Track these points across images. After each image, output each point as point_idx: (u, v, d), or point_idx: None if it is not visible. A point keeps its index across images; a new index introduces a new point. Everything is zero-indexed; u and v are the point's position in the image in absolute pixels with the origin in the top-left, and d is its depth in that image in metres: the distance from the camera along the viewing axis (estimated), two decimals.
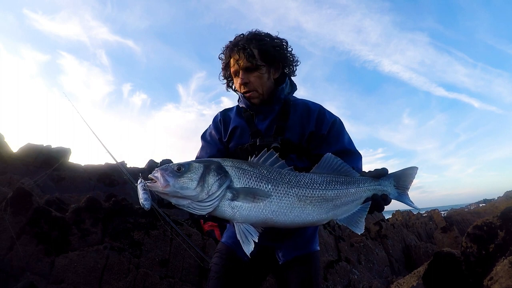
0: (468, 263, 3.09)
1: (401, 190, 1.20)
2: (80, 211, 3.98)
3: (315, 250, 1.48)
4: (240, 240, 0.96)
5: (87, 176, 9.20)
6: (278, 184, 1.01)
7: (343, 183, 1.10)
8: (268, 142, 1.36)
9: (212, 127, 1.58)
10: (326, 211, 1.05)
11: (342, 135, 1.45)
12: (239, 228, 0.97)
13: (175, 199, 0.96)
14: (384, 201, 1.13)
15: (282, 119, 1.42)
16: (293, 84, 1.54)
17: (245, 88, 1.41)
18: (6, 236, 3.42)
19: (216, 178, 0.96)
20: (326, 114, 1.46)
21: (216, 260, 1.46)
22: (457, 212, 20.44)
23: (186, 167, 0.97)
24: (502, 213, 3.22)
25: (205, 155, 1.52)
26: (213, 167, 0.98)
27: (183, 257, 4.11)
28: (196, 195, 0.94)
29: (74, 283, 3.37)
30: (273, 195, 0.99)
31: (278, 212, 0.99)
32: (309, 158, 1.43)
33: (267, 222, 1.00)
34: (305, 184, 1.04)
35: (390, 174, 1.20)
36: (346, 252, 6.88)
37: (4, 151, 8.74)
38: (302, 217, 1.02)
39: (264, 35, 1.43)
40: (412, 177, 1.21)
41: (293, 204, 1.00)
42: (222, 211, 0.97)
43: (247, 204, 0.97)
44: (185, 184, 0.94)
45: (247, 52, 1.36)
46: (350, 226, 1.08)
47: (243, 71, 1.39)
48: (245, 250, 0.95)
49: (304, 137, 1.41)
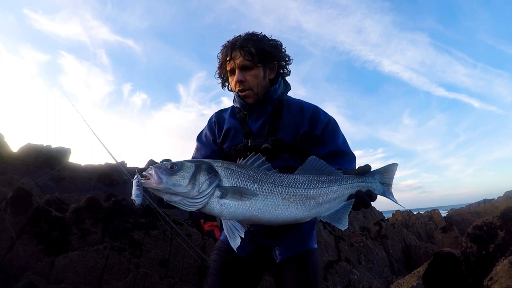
0: (468, 263, 3.09)
1: (385, 186, 1.24)
2: (80, 211, 3.98)
3: (312, 248, 1.48)
4: (227, 235, 1.01)
5: (87, 176, 9.21)
6: (263, 184, 1.07)
7: (324, 182, 1.14)
8: (259, 143, 1.38)
9: (207, 128, 1.60)
10: (308, 208, 1.10)
11: (336, 136, 1.46)
12: (227, 225, 1.03)
13: (168, 195, 1.01)
14: (369, 197, 1.15)
15: (275, 119, 1.43)
16: (287, 84, 1.55)
17: (241, 86, 1.42)
18: (6, 236, 3.42)
19: (206, 177, 1.02)
20: (321, 114, 1.46)
21: (215, 257, 1.47)
22: (457, 212, 20.45)
23: (179, 166, 1.02)
24: (502, 213, 3.22)
25: (199, 156, 1.54)
26: (204, 166, 1.04)
27: (183, 257, 4.11)
28: (188, 192, 1.00)
29: (74, 283, 3.37)
30: (258, 194, 1.05)
31: (263, 209, 1.05)
32: (302, 158, 1.43)
33: (253, 219, 1.05)
34: (288, 183, 1.10)
35: (374, 170, 1.24)
36: (346, 252, 6.88)
37: (4, 151, 8.74)
38: (286, 215, 1.07)
39: (260, 35, 1.45)
40: (393, 173, 1.27)
41: (277, 202, 1.06)
42: (211, 208, 1.03)
43: (235, 202, 1.03)
44: (178, 181, 0.99)
45: (244, 51, 1.38)
46: (334, 222, 1.13)
47: (240, 69, 1.40)
48: (232, 245, 0.99)
49: (297, 137, 1.42)
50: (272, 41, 1.46)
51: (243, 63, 1.39)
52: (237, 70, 1.41)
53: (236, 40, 1.42)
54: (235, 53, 1.40)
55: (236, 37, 1.44)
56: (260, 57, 1.40)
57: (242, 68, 1.40)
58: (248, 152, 1.36)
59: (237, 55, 1.40)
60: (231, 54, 1.41)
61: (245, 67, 1.40)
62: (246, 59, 1.38)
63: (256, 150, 1.35)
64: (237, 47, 1.40)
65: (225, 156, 1.51)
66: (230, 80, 1.49)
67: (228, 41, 1.46)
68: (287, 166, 1.38)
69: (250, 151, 1.34)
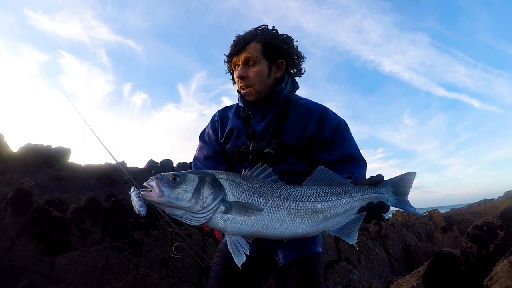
0: (468, 263, 3.09)
1: (400, 196, 1.17)
2: (80, 211, 3.98)
3: (316, 251, 1.43)
4: (231, 251, 0.97)
5: (87, 176, 9.20)
6: (269, 198, 1.02)
7: (333, 194, 1.08)
8: (261, 147, 1.31)
9: (209, 126, 1.54)
10: (316, 223, 1.05)
11: (347, 140, 1.38)
12: (231, 240, 0.99)
13: (169, 208, 0.97)
14: (381, 208, 1.08)
15: (280, 121, 1.36)
16: (294, 83, 1.47)
17: (242, 82, 1.35)
18: (6, 236, 3.42)
19: (211, 191, 0.97)
20: (330, 116, 1.38)
21: (217, 260, 1.44)
22: (457, 212, 20.43)
23: (182, 178, 0.97)
24: (502, 213, 3.22)
25: (202, 156, 1.49)
26: (208, 179, 0.99)
27: (183, 257, 4.11)
28: (191, 206, 0.95)
29: (74, 283, 3.37)
30: (264, 209, 1.00)
31: (268, 225, 1.00)
32: (308, 162, 1.38)
33: (258, 234, 1.01)
34: (295, 197, 1.04)
35: (387, 180, 1.17)
36: (346, 252, 6.88)
37: (4, 151, 8.74)
38: (292, 230, 1.02)
39: (271, 30, 1.38)
40: (410, 182, 1.18)
41: (282, 217, 1.01)
42: (215, 223, 0.98)
43: (239, 217, 0.98)
44: (180, 195, 0.94)
45: (249, 44, 1.32)
46: (342, 236, 1.07)
47: (242, 64, 1.34)
48: (236, 262, 0.96)
49: (304, 139, 1.35)
50: (284, 36, 1.38)
51: (246, 56, 1.32)
52: (240, 65, 1.35)
53: (245, 34, 1.36)
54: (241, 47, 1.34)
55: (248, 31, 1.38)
56: (265, 52, 1.33)
57: (245, 62, 1.33)
58: (250, 155, 1.33)
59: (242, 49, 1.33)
60: (236, 47, 1.35)
61: (248, 61, 1.33)
62: (250, 52, 1.31)
63: (259, 154, 1.30)
64: (242, 40, 1.33)
65: (227, 157, 1.46)
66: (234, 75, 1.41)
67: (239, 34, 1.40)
68: (292, 171, 1.33)
69: (253, 154, 1.31)
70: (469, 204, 29.52)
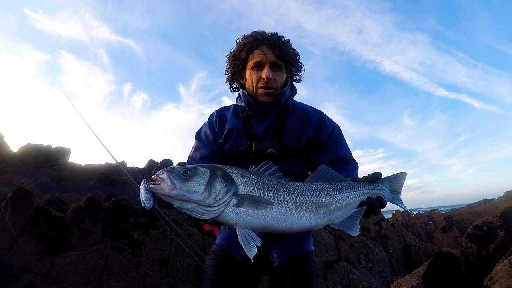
0: (468, 263, 3.09)
1: (394, 194, 1.25)
2: (80, 211, 3.98)
3: (309, 250, 1.47)
4: (242, 244, 0.99)
5: (87, 176, 9.20)
6: (278, 192, 1.05)
7: (336, 189, 1.14)
8: (264, 147, 1.34)
9: (207, 126, 1.53)
10: (321, 216, 1.10)
11: (340, 143, 1.46)
12: (241, 234, 1.00)
13: (180, 202, 0.96)
14: (379, 203, 1.15)
15: (280, 123, 1.40)
16: (293, 88, 1.53)
17: (268, 84, 1.37)
18: (6, 236, 3.42)
19: (223, 184, 0.98)
20: (326, 121, 1.46)
21: (211, 262, 1.45)
22: (457, 212, 20.42)
23: (193, 171, 0.97)
24: (502, 213, 3.22)
25: (198, 156, 1.48)
26: (219, 173, 1.01)
27: (183, 257, 4.11)
28: (203, 199, 0.95)
29: (74, 283, 3.37)
30: (274, 203, 1.03)
31: (278, 218, 1.03)
32: (305, 163, 1.44)
33: (268, 227, 1.03)
34: (301, 191, 1.09)
35: (384, 178, 1.24)
36: (346, 252, 6.88)
37: (4, 151, 8.74)
38: (300, 223, 1.06)
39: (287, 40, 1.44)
40: (402, 181, 1.27)
41: (291, 210, 1.05)
42: (226, 216, 0.99)
43: (251, 210, 1.00)
44: (193, 188, 0.94)
45: (279, 50, 1.36)
46: (345, 229, 1.13)
47: (270, 66, 1.36)
48: (248, 254, 0.97)
49: (301, 142, 1.40)
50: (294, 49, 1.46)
51: (276, 61, 1.37)
52: (266, 66, 1.36)
53: (269, 36, 1.39)
54: (266, 48, 1.37)
55: (262, 32, 1.41)
56: (287, 61, 1.40)
57: (273, 65, 1.37)
58: (252, 155, 1.34)
59: (269, 52, 1.36)
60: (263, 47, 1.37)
61: (276, 66, 1.38)
62: (280, 59, 1.37)
63: (261, 154, 1.32)
64: (271, 43, 1.37)
65: (226, 157, 1.45)
66: (251, 73, 1.40)
67: (257, 32, 1.42)
68: (290, 171, 1.36)
69: (255, 154, 1.33)
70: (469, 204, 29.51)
